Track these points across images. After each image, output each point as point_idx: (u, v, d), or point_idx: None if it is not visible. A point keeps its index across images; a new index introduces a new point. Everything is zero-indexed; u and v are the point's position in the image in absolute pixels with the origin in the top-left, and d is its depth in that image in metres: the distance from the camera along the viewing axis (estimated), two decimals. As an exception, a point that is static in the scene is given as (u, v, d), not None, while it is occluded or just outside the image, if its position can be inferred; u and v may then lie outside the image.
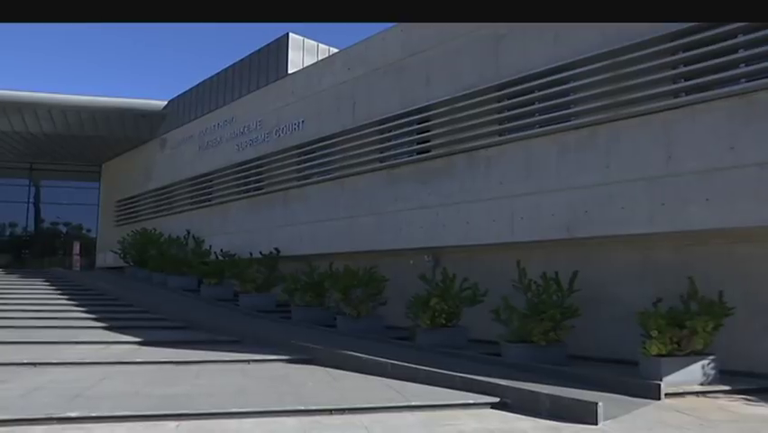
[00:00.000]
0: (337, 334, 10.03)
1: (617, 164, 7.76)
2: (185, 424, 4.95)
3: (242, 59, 16.80)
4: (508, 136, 9.23)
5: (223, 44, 53.05)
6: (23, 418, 4.93)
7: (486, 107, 9.50)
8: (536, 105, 8.89)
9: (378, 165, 11.50)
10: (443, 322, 8.77)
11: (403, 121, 11.00)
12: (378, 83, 11.69)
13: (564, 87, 8.49)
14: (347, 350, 7.94)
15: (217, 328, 10.35)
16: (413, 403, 5.71)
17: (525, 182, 8.84)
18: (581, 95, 8.24)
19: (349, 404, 5.60)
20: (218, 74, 17.83)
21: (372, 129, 11.62)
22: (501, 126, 9.39)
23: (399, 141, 11.16)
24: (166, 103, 19.74)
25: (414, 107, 10.72)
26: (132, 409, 5.25)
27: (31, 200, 25.24)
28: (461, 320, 8.97)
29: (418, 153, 10.72)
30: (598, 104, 7.99)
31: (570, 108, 8.41)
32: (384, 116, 11.35)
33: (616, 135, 7.84)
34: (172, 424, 4.94)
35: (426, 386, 6.47)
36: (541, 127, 8.77)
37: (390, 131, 11.30)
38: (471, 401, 5.83)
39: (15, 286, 15.57)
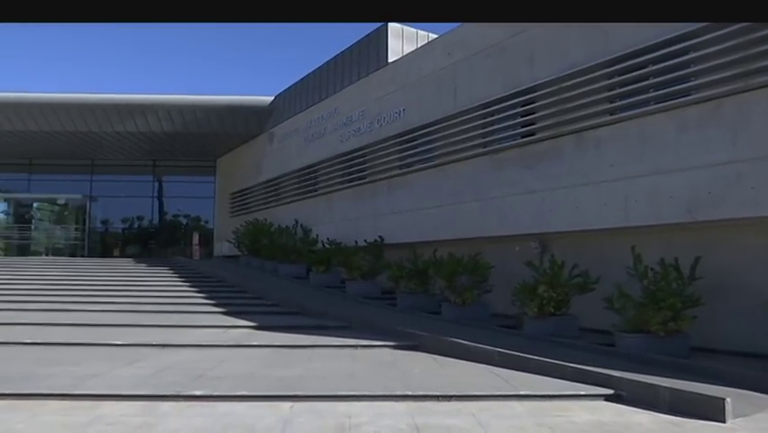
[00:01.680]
0: (442, 321, 10.00)
1: (746, 140, 7.09)
2: (298, 405, 5.15)
3: (342, 51, 17.12)
4: (620, 115, 8.72)
5: (324, 37, 54.38)
6: (156, 394, 5.36)
7: (595, 85, 9.02)
8: (651, 81, 8.31)
9: (481, 150, 11.30)
10: (552, 310, 8.48)
11: (506, 104, 10.71)
12: (479, 66, 11.46)
13: (684, 58, 7.86)
14: (453, 337, 7.90)
15: (326, 314, 10.67)
16: (521, 392, 5.58)
17: (640, 163, 8.32)
18: (704, 66, 7.59)
19: (456, 391, 5.56)
20: (321, 67, 18.28)
21: (475, 114, 11.42)
22: (612, 105, 8.89)
23: (503, 124, 10.89)
24: (273, 98, 20.54)
25: (517, 89, 10.41)
26: (250, 389, 5.54)
27: (155, 195, 27.33)
28: (571, 309, 8.63)
29: (523, 137, 10.41)
30: (725, 74, 7.31)
31: (690, 81, 7.79)
32: (486, 100, 11.12)
33: (745, 108, 7.15)
34: (287, 405, 5.16)
35: (535, 376, 6.29)
36: (656, 104, 8.20)
37: (493, 114, 11.05)
38: (583, 393, 5.60)
39: (144, 274, 16.94)
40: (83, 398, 5.27)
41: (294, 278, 15.37)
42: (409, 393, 5.48)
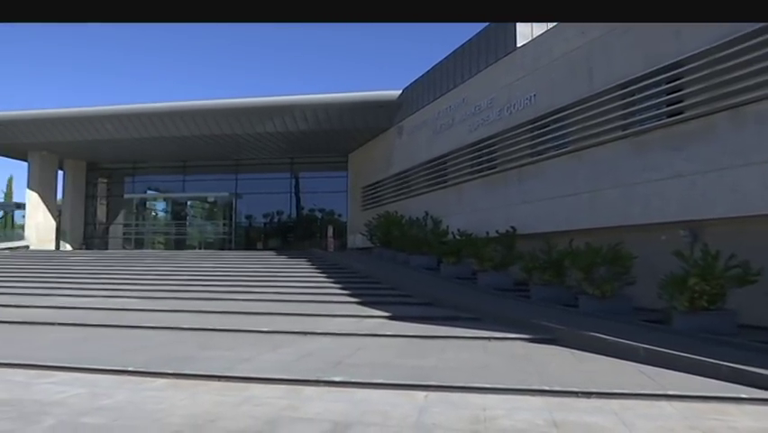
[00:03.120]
0: (579, 314, 9.56)
1: None
2: (433, 395, 5.18)
3: (469, 40, 16.88)
4: (787, 85, 7.76)
5: (450, 27, 54.11)
6: (299, 378, 5.66)
7: (757, 53, 8.09)
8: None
9: (620, 133, 10.62)
10: (705, 305, 7.77)
11: (649, 82, 9.97)
12: (616, 44, 10.75)
13: None
14: (592, 331, 7.51)
15: (457, 306, 10.63)
16: (670, 392, 5.16)
17: (812, 139, 7.35)
18: None
19: (596, 388, 5.27)
20: (447, 57, 18.17)
21: (613, 95, 10.76)
22: (777, 74, 7.92)
23: (645, 104, 10.15)
24: (400, 92, 20.77)
25: (661, 65, 9.64)
26: (386, 377, 5.66)
27: (292, 191, 28.86)
28: (728, 303, 7.84)
29: (668, 116, 9.62)
30: None
31: None
32: (625, 79, 10.42)
33: None
34: (421, 394, 5.21)
35: (685, 375, 5.80)
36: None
37: (634, 94, 10.33)
38: (744, 396, 5.05)
39: (284, 265, 17.96)
40: (235, 380, 5.72)
41: (425, 269, 15.48)
42: (546, 388, 5.30)
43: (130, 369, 6.10)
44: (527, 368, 6.24)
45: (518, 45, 14.32)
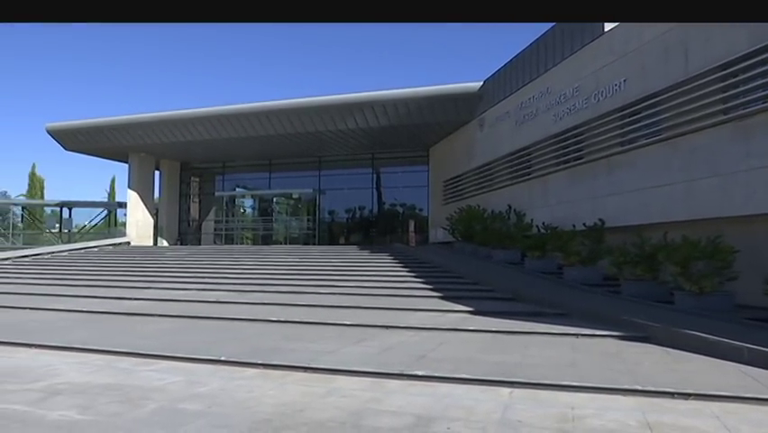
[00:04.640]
0: (674, 311, 9.05)
1: None
2: (517, 391, 5.08)
3: (552, 27, 16.33)
4: None
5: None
6: (382, 372, 5.72)
7: None
8: None
9: (720, 118, 9.93)
10: (820, 302, 7.15)
11: (753, 61, 9.24)
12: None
13: None
14: (689, 329, 7.09)
15: (542, 301, 10.37)
16: (780, 397, 4.79)
17: None
18: None
19: (694, 389, 4.97)
20: (529, 46, 17.67)
21: (711, 77, 10.07)
22: None
23: (749, 86, 9.42)
24: (481, 83, 20.43)
25: None
26: (469, 372, 5.61)
27: (374, 186, 29.13)
28: None
29: (777, 97, 8.90)
30: None
31: None
32: (727, 60, 9.72)
33: None
34: (505, 390, 5.11)
35: (797, 378, 5.37)
36: None
37: (736, 75, 9.62)
38: None
39: (366, 260, 18.18)
40: (320, 371, 5.86)
41: (508, 264, 15.20)
42: (638, 388, 5.06)
43: (222, 359, 6.39)
44: (618, 366, 5.99)
45: (606, 29, 13.70)
